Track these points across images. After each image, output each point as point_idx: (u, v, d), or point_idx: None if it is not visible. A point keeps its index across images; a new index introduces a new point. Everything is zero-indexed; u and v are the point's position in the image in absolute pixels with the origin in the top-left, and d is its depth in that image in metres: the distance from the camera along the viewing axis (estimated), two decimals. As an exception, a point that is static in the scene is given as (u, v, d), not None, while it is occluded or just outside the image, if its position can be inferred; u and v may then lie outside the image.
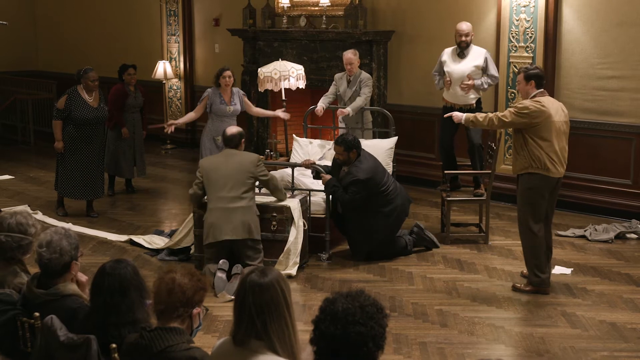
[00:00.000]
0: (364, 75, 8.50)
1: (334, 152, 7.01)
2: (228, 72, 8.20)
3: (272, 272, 2.96)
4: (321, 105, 8.51)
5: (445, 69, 8.18)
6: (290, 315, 2.91)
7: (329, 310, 2.60)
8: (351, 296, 2.64)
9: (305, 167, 7.21)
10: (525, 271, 6.36)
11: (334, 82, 8.69)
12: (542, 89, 6.04)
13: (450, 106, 8.23)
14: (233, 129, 6.67)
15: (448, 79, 8.12)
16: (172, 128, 8.45)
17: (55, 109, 8.25)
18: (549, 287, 6.16)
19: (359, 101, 8.28)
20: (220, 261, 6.30)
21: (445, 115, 6.68)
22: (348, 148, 6.83)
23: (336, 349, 2.56)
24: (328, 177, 6.89)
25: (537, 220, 6.06)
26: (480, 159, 8.03)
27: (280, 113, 8.60)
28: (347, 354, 2.56)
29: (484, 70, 8.06)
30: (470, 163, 8.34)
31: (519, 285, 6.24)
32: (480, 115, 6.26)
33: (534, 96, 6.00)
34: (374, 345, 2.58)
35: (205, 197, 6.56)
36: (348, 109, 8.17)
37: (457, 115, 6.44)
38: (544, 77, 6.16)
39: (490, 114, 6.18)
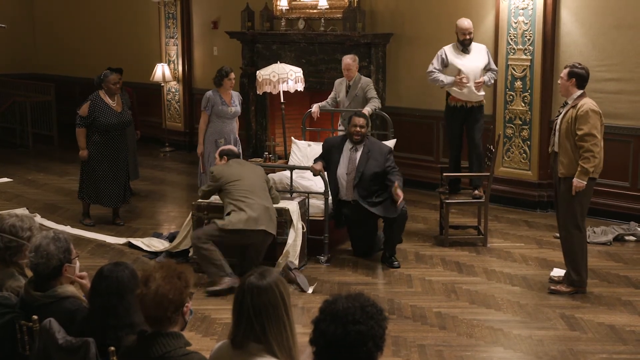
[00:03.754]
0: (364, 79, 8.39)
1: (357, 127, 6.99)
2: (233, 75, 8.20)
3: (271, 275, 2.96)
4: (316, 106, 8.48)
5: (458, 67, 7.90)
6: (288, 318, 2.91)
7: (330, 310, 2.61)
8: (351, 297, 2.65)
9: (314, 174, 7.14)
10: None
11: (333, 88, 8.61)
12: (583, 91, 6.09)
13: (461, 105, 8.04)
14: (227, 147, 7.04)
15: (464, 76, 7.86)
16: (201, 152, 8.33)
17: (78, 117, 7.97)
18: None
19: (376, 103, 8.14)
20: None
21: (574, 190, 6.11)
22: (368, 122, 7.15)
23: (336, 348, 2.56)
24: (400, 193, 6.71)
25: (584, 220, 6.17)
26: (478, 157, 8.01)
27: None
28: (347, 354, 2.56)
29: (486, 65, 7.99)
30: (467, 165, 8.32)
31: (555, 287, 6.27)
32: (585, 166, 5.94)
33: (580, 96, 6.05)
34: (374, 346, 2.58)
35: (230, 199, 6.42)
36: (368, 109, 7.96)
37: (577, 184, 6.01)
38: (587, 80, 6.13)
39: (586, 154, 5.91)
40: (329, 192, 7.02)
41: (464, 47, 7.94)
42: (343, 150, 7.11)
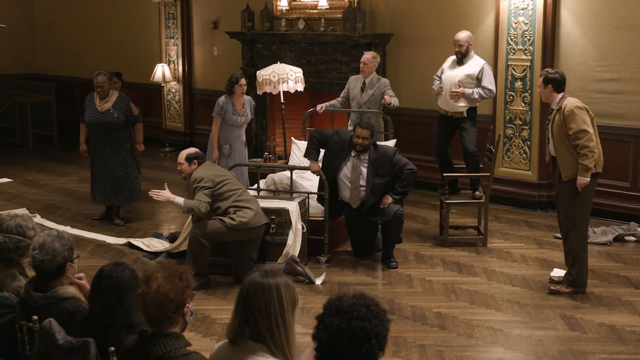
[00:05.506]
0: (383, 80, 8.34)
1: (360, 138, 6.77)
2: (243, 80, 8.15)
3: (277, 277, 2.94)
4: (324, 104, 8.43)
5: (443, 77, 8.11)
6: (283, 318, 2.89)
7: (335, 306, 2.64)
8: (357, 296, 2.68)
9: (314, 173, 7.13)
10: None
11: (346, 85, 8.52)
12: (564, 93, 6.09)
13: (444, 113, 8.18)
14: (192, 150, 6.59)
15: (441, 85, 8.06)
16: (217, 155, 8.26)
17: None
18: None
19: (396, 100, 8.09)
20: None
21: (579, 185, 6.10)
22: (373, 133, 6.86)
23: (339, 343, 2.58)
24: (390, 200, 6.80)
25: (587, 219, 6.19)
26: (475, 165, 8.02)
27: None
28: (349, 349, 2.57)
29: (479, 80, 7.93)
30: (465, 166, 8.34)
31: (555, 287, 6.28)
32: (584, 162, 5.91)
33: (562, 98, 6.04)
34: (377, 344, 2.60)
35: (226, 200, 6.36)
36: (392, 100, 7.96)
37: (580, 182, 5.99)
38: (564, 82, 6.13)
39: (583, 151, 5.90)
40: (329, 193, 7.01)
41: (458, 59, 8.00)
42: (349, 156, 6.90)
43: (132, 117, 8.20)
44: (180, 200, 6.27)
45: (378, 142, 7.20)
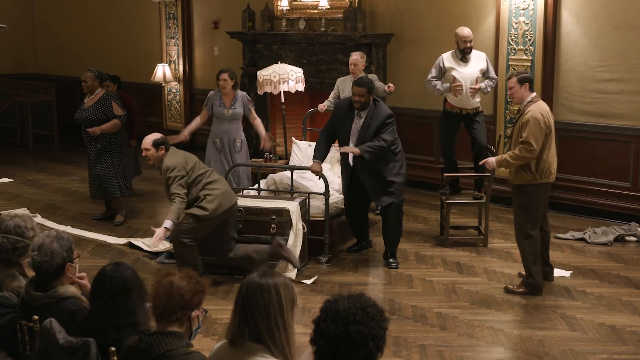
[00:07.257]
0: (372, 76, 8.31)
1: (356, 95, 6.67)
2: (223, 75, 7.98)
3: (275, 277, 2.95)
4: (326, 103, 8.43)
5: (455, 74, 7.98)
6: (283, 318, 2.89)
7: (330, 310, 2.62)
8: (352, 297, 2.65)
9: (314, 173, 7.12)
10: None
11: (335, 87, 8.52)
12: (535, 93, 6.10)
13: (457, 112, 8.15)
14: (157, 135, 6.41)
15: (460, 84, 7.95)
16: (184, 137, 8.17)
17: None
18: (542, 290, 6.21)
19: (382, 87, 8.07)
20: None
21: (480, 163, 6.52)
22: (370, 90, 6.73)
23: (336, 348, 2.57)
24: (355, 149, 6.65)
25: (536, 225, 6.12)
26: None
27: (264, 139, 8.32)
28: (347, 354, 2.56)
29: (485, 73, 8.02)
30: (472, 166, 8.32)
31: (511, 287, 6.28)
32: (507, 158, 6.02)
33: (530, 101, 6.03)
34: (375, 346, 2.58)
35: (196, 186, 6.31)
36: (391, 85, 8.10)
37: (490, 162, 6.26)
38: (533, 79, 6.20)
39: (511, 152, 6.01)
40: (329, 192, 7.01)
41: (463, 55, 7.98)
42: (355, 117, 6.84)
43: (113, 115, 8.10)
44: (169, 222, 6.21)
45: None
